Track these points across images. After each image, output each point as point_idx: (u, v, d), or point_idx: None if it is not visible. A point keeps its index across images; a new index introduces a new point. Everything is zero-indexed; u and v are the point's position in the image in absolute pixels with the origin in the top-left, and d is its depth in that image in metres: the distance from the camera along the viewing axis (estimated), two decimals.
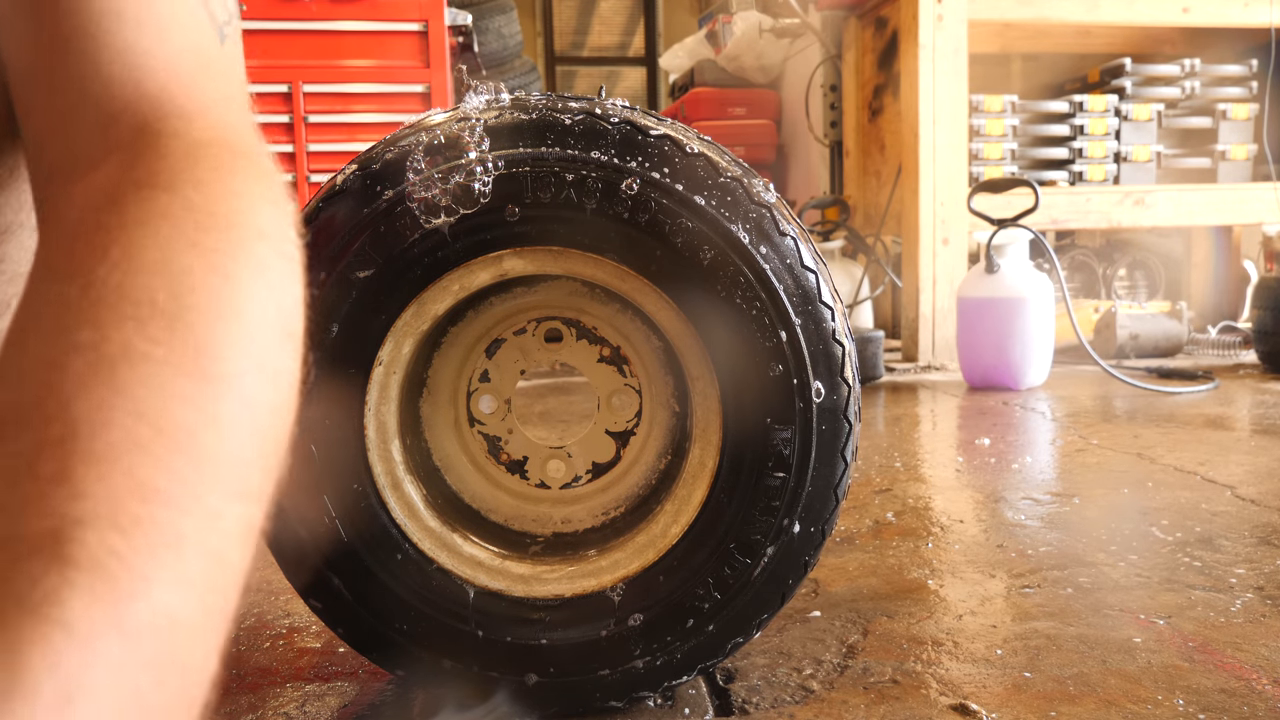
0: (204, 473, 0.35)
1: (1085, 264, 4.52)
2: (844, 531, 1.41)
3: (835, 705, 0.85)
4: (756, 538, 0.79)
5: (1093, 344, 3.32)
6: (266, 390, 0.40)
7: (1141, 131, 3.88)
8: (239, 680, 0.93)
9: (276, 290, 0.43)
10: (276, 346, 0.42)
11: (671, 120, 0.82)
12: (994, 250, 2.86)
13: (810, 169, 4.80)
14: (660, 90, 8.50)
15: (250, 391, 0.39)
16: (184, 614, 0.32)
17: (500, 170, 0.75)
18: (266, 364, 0.41)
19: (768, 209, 0.77)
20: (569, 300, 0.89)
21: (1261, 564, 1.21)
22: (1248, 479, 1.67)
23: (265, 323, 0.41)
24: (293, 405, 0.43)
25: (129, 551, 0.31)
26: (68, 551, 0.30)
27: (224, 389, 0.38)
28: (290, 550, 0.80)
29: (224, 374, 0.38)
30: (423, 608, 0.80)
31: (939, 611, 1.08)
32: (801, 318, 0.77)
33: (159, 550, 0.32)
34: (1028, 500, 1.57)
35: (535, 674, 0.81)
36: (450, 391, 0.91)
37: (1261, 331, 3.10)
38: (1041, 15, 3.56)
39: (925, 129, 3.44)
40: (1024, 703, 0.85)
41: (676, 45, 5.52)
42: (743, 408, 0.79)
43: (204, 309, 0.39)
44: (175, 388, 0.36)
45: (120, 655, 0.30)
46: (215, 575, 0.34)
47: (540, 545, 0.91)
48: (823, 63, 4.43)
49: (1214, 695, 0.85)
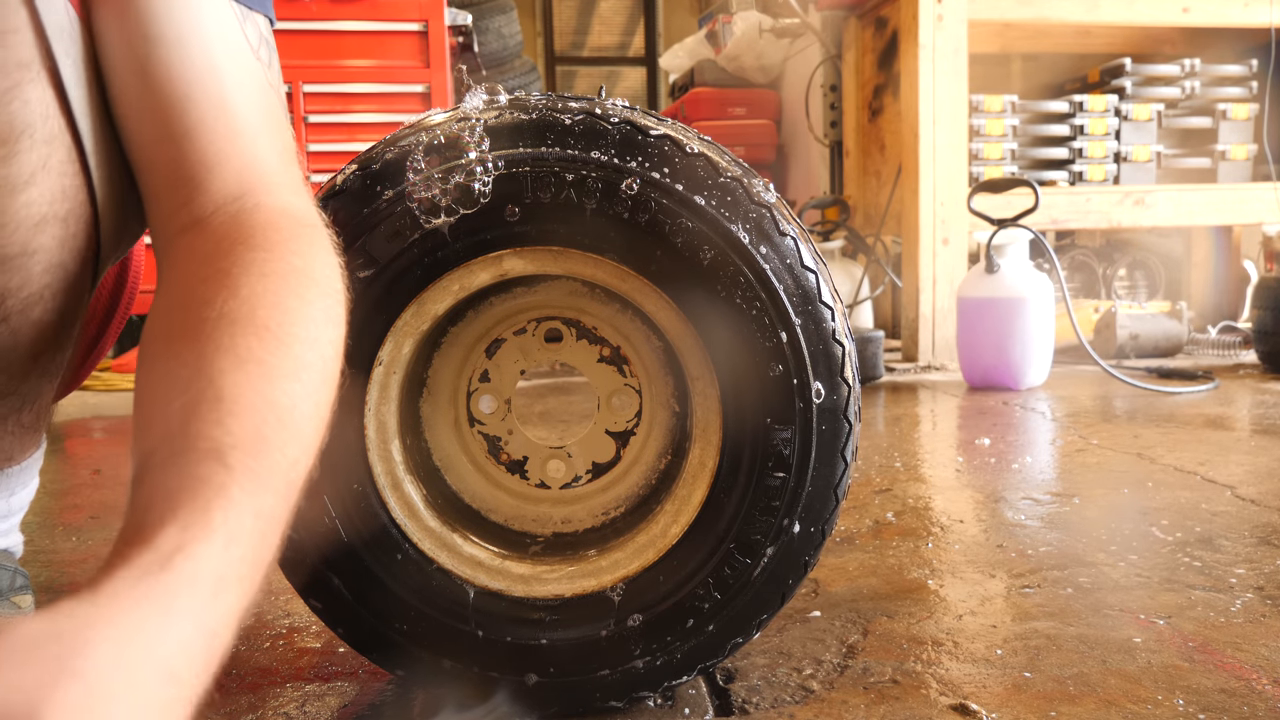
0: (292, 435, 0.54)
1: (1085, 264, 4.52)
2: (844, 531, 1.41)
3: (835, 705, 0.85)
4: (756, 538, 0.79)
5: (1093, 344, 3.32)
6: (327, 390, 0.60)
7: (1141, 131, 3.88)
8: (239, 680, 0.93)
9: (337, 327, 0.63)
10: (334, 361, 0.62)
11: (671, 120, 0.82)
12: (994, 250, 2.87)
13: (810, 169, 4.80)
14: (660, 90, 8.50)
15: (317, 390, 0.58)
16: (276, 512, 0.50)
17: (500, 170, 0.75)
18: (329, 374, 0.60)
19: (768, 209, 0.77)
20: (569, 300, 0.89)
21: (1261, 564, 1.21)
22: (1248, 479, 1.67)
23: (330, 347, 0.61)
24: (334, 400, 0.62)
25: (258, 470, 0.50)
26: (229, 461, 0.49)
27: (305, 387, 0.57)
28: (290, 550, 0.80)
29: (306, 379, 0.57)
30: (423, 608, 0.80)
31: (939, 611, 1.08)
32: (801, 318, 0.77)
33: (270, 473, 0.50)
34: (1028, 500, 1.57)
35: (535, 674, 0.81)
36: (450, 391, 0.91)
37: (1261, 331, 3.10)
38: (1041, 15, 3.56)
39: (925, 129, 3.44)
40: (1024, 703, 0.85)
41: (676, 45, 5.52)
42: (743, 408, 0.79)
43: (298, 336, 0.58)
44: (280, 384, 0.55)
45: (250, 527, 0.47)
46: (290, 496, 0.53)
47: (540, 545, 0.91)
48: (823, 63, 4.43)
49: (1214, 695, 0.85)
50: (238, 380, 0.53)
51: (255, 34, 0.73)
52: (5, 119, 0.63)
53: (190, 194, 0.66)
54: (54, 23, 0.64)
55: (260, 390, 0.53)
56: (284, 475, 0.52)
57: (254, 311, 0.57)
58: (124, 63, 0.67)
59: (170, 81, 0.67)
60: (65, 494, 1.79)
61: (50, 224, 0.67)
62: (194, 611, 0.42)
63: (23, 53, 0.63)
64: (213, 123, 0.67)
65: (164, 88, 0.67)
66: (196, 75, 0.67)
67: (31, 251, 0.67)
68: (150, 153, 0.68)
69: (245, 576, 0.46)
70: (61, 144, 0.66)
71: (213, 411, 0.51)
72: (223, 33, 0.69)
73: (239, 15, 0.71)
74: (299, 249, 0.63)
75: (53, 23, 0.64)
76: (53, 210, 0.67)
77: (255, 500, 0.48)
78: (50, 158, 0.65)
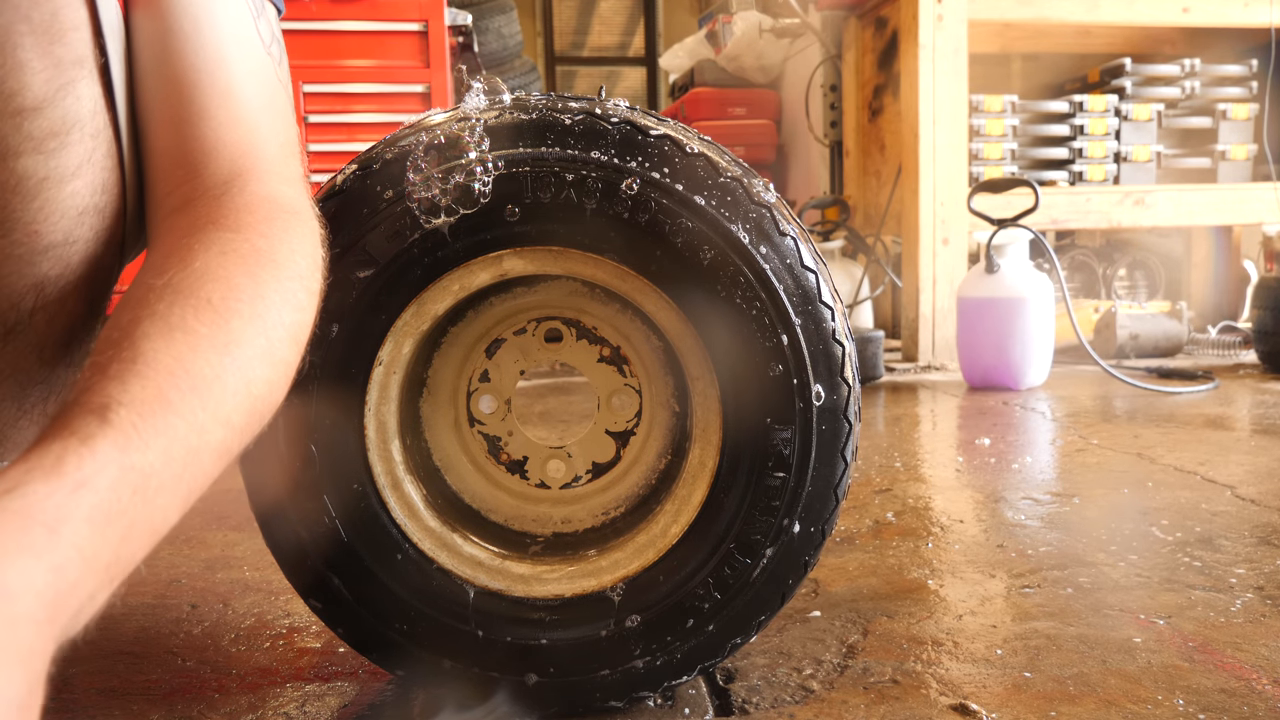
0: (204, 403, 0.54)
1: (1085, 264, 4.52)
2: (844, 531, 1.41)
3: (835, 705, 0.85)
4: (756, 538, 0.79)
5: (1093, 344, 3.32)
6: (266, 368, 0.59)
7: (1141, 131, 3.88)
8: (239, 680, 0.93)
9: (296, 311, 0.63)
10: (285, 344, 0.61)
11: (672, 120, 0.82)
12: (994, 250, 2.87)
13: (810, 169, 4.80)
14: (660, 90, 8.50)
15: (251, 367, 0.58)
16: (160, 474, 0.50)
17: (500, 170, 0.75)
18: (274, 355, 0.60)
19: (768, 209, 0.77)
20: (569, 300, 0.89)
21: (1261, 564, 1.21)
22: (1248, 479, 1.67)
23: (280, 329, 0.61)
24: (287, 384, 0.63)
25: (143, 428, 0.50)
26: (109, 416, 0.49)
27: (235, 361, 0.57)
28: (290, 550, 0.80)
29: (239, 354, 0.57)
30: (423, 608, 0.80)
31: (939, 611, 1.08)
32: (801, 318, 0.77)
33: (159, 433, 0.50)
34: (1028, 500, 1.57)
35: (535, 674, 0.81)
36: (450, 391, 0.91)
37: (1261, 331, 3.10)
38: (1041, 15, 3.56)
39: (925, 129, 3.44)
40: (1024, 703, 0.85)
41: (676, 45, 5.52)
42: (743, 408, 0.79)
43: (239, 312, 0.58)
44: (205, 354, 0.55)
45: (115, 478, 0.47)
46: (191, 463, 0.52)
47: (540, 545, 0.91)
48: (823, 63, 4.43)
49: (1214, 695, 0.85)
50: (158, 345, 0.54)
51: (269, 31, 0.76)
52: (60, 113, 0.65)
53: (184, 177, 0.69)
54: (108, 20, 0.67)
55: (179, 356, 0.54)
56: (181, 440, 0.52)
57: (199, 285, 0.58)
58: (147, 55, 0.70)
59: (181, 71, 0.69)
60: None
61: (90, 215, 0.69)
62: (19, 545, 0.42)
63: (80, 50, 0.66)
64: (215, 110, 0.69)
65: (175, 77, 0.69)
66: (205, 65, 0.70)
67: (72, 241, 0.69)
68: (154, 139, 0.70)
69: (101, 526, 0.46)
70: (105, 138, 0.68)
71: (121, 370, 0.52)
72: (235, 27, 0.72)
73: (254, 11, 0.74)
74: (268, 232, 0.64)
75: (108, 20, 0.67)
76: (93, 202, 0.69)
77: (129, 456, 0.48)
78: (95, 151, 0.68)
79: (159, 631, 1.07)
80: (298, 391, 0.77)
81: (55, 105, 0.64)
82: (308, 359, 0.75)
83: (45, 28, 0.63)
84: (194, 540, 1.44)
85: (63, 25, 0.64)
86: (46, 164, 0.65)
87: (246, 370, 0.57)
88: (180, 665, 0.98)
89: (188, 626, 1.08)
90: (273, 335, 0.60)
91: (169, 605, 1.15)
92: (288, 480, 0.78)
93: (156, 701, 0.89)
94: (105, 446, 0.48)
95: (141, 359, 0.53)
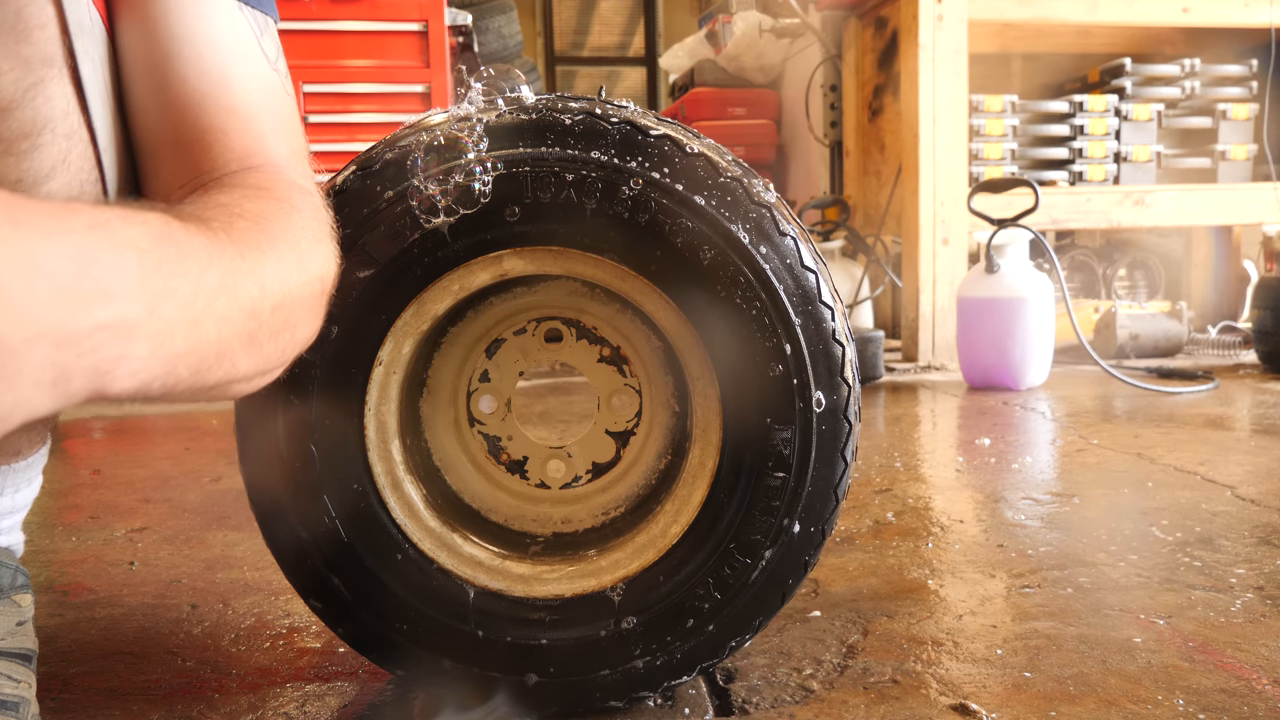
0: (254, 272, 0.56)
1: (1085, 264, 4.52)
2: (844, 531, 1.41)
3: (835, 705, 0.85)
4: (756, 538, 0.79)
5: (1093, 344, 3.32)
6: (298, 275, 0.62)
7: (1141, 131, 3.88)
8: (239, 680, 0.93)
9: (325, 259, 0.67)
10: (315, 263, 0.64)
11: (672, 120, 0.82)
12: (994, 250, 2.86)
13: (810, 169, 4.80)
14: (660, 90, 8.50)
15: (288, 273, 0.60)
16: (226, 288, 0.52)
17: (500, 170, 0.75)
18: (306, 271, 0.63)
19: (768, 209, 0.77)
20: (569, 300, 0.89)
21: (1261, 564, 1.21)
22: (1248, 479, 1.67)
23: (311, 249, 0.64)
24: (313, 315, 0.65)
25: (228, 240, 0.54)
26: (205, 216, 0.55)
27: (260, 265, 0.58)
28: (290, 550, 0.80)
29: (261, 259, 0.58)
30: (423, 608, 0.80)
31: (939, 611, 1.08)
32: (801, 318, 0.77)
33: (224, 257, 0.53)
34: (1028, 500, 1.57)
35: (535, 674, 0.81)
36: (450, 391, 0.91)
37: (1261, 331, 3.10)
38: (1041, 15, 3.56)
39: (925, 129, 3.44)
40: (1024, 703, 0.85)
41: (676, 45, 5.52)
42: (743, 408, 0.79)
43: (269, 230, 0.60)
44: (246, 242, 0.57)
45: (161, 230, 0.48)
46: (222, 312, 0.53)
47: (540, 545, 0.91)
48: (823, 63, 4.43)
49: (1214, 695, 0.85)
50: (223, 223, 0.56)
51: (273, 47, 0.77)
52: (30, 114, 0.64)
53: (193, 186, 0.70)
54: (76, 20, 0.67)
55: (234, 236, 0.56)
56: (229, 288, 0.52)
57: (228, 207, 0.60)
58: (143, 69, 0.71)
59: (185, 88, 0.70)
60: (65, 494, 1.79)
61: None
62: (51, 225, 0.40)
63: (48, 49, 0.65)
64: (222, 123, 0.71)
65: (180, 94, 0.70)
66: (210, 80, 0.71)
67: None
68: (162, 155, 0.71)
69: (137, 249, 0.44)
70: (80, 140, 0.68)
71: (202, 220, 0.55)
72: (239, 43, 0.73)
73: (257, 29, 0.75)
74: (285, 195, 0.66)
75: (75, 21, 0.66)
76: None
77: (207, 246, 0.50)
78: (69, 153, 0.67)
79: (159, 631, 1.07)
80: (298, 391, 0.77)
81: (24, 106, 0.64)
82: (308, 359, 0.75)
83: (10, 26, 0.63)
84: (194, 540, 1.44)
85: (28, 24, 0.64)
86: (19, 166, 0.64)
87: (283, 270, 0.59)
88: (180, 665, 0.98)
89: (188, 626, 1.08)
90: (304, 252, 0.62)
91: (169, 605, 1.15)
92: (288, 480, 0.78)
93: (156, 701, 0.89)
94: (154, 218, 0.47)
95: (213, 225, 0.54)
